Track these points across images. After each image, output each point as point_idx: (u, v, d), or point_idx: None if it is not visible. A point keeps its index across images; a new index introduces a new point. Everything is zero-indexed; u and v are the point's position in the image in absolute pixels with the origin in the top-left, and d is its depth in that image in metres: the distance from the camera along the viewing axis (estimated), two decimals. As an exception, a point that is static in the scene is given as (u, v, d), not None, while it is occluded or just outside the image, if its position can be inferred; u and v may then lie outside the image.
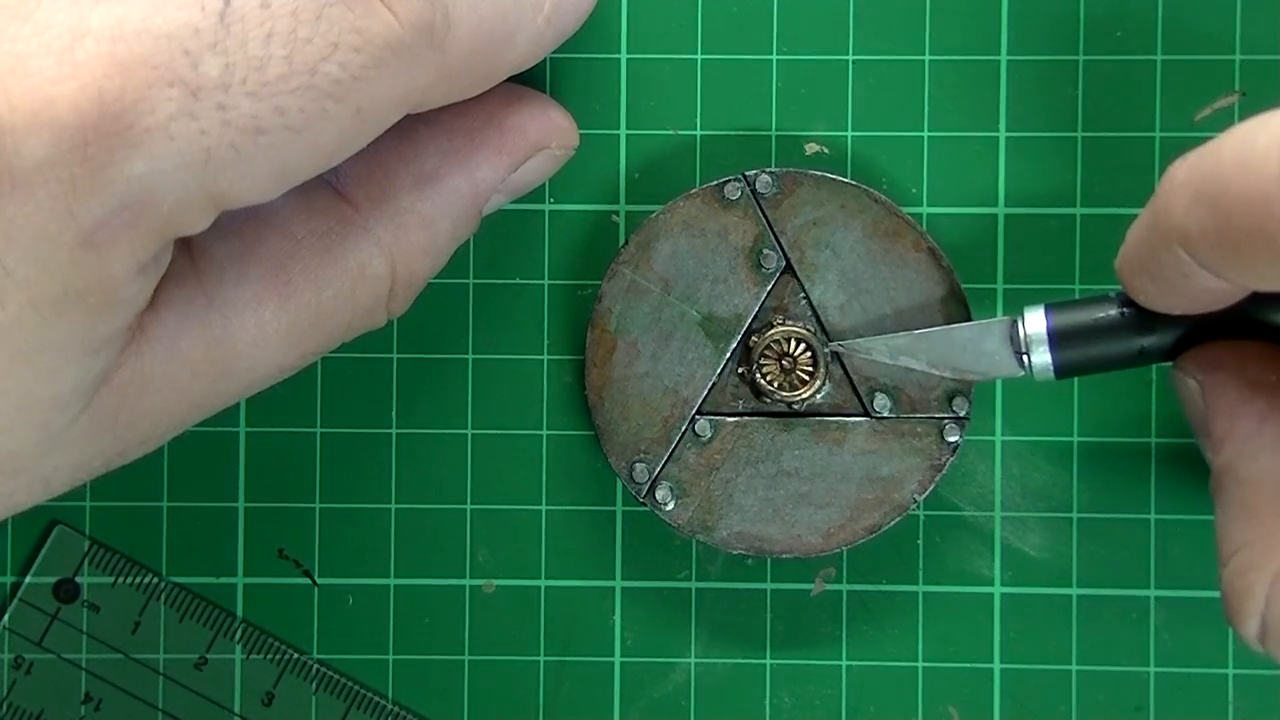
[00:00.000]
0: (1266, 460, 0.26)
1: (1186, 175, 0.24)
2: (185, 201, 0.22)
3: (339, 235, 0.26)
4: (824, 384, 0.31)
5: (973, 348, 0.29)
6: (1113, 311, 0.27)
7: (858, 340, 0.30)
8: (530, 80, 0.32)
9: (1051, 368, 0.28)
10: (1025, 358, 0.28)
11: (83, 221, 0.22)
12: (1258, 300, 0.26)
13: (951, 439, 0.31)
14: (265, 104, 0.22)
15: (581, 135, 0.32)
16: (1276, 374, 0.26)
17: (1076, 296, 0.32)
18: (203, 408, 0.27)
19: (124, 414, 0.25)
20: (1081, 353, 0.27)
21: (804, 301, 0.31)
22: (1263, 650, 0.26)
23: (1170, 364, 0.28)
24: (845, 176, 0.31)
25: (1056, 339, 0.27)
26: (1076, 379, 0.32)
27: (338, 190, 0.27)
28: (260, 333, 0.26)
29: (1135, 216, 0.26)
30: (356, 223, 0.27)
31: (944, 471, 0.31)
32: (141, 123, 0.21)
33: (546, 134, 0.29)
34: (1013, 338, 0.28)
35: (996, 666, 0.32)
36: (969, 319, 0.31)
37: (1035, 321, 0.28)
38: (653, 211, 0.31)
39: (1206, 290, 0.25)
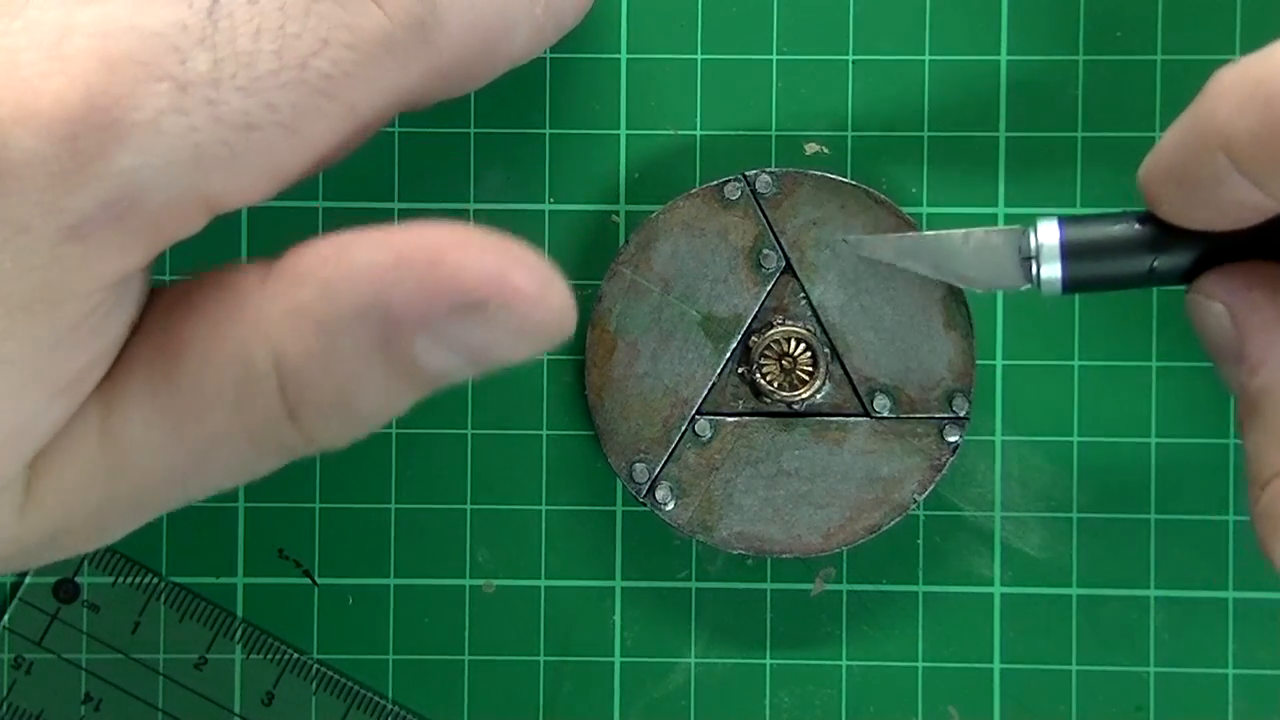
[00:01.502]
0: None
1: (1236, 77, 0.23)
2: (176, 200, 0.22)
3: (225, 314, 0.23)
4: (824, 384, 0.31)
5: (980, 255, 0.28)
6: (1129, 226, 0.26)
7: (866, 238, 0.29)
8: (531, 80, 0.32)
9: (1060, 281, 0.26)
10: (1034, 269, 0.27)
11: (69, 215, 0.21)
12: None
13: (951, 439, 0.31)
14: (256, 99, 0.22)
15: (581, 135, 0.32)
16: None
17: (1076, 299, 0.32)
18: (101, 522, 0.24)
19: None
20: (1092, 268, 0.26)
21: (804, 301, 0.31)
22: None
23: (1181, 290, 0.27)
24: (845, 176, 0.31)
25: (1068, 251, 0.26)
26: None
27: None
28: (145, 411, 0.23)
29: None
30: (249, 305, 0.23)
31: (944, 471, 0.31)
32: (130, 117, 0.21)
33: (491, 288, 0.22)
34: (1022, 248, 0.27)
35: (996, 666, 0.32)
36: (969, 319, 0.31)
37: (1048, 232, 0.26)
38: (653, 211, 0.31)
39: (1239, 203, 0.24)
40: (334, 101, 0.23)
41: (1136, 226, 0.26)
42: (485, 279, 0.21)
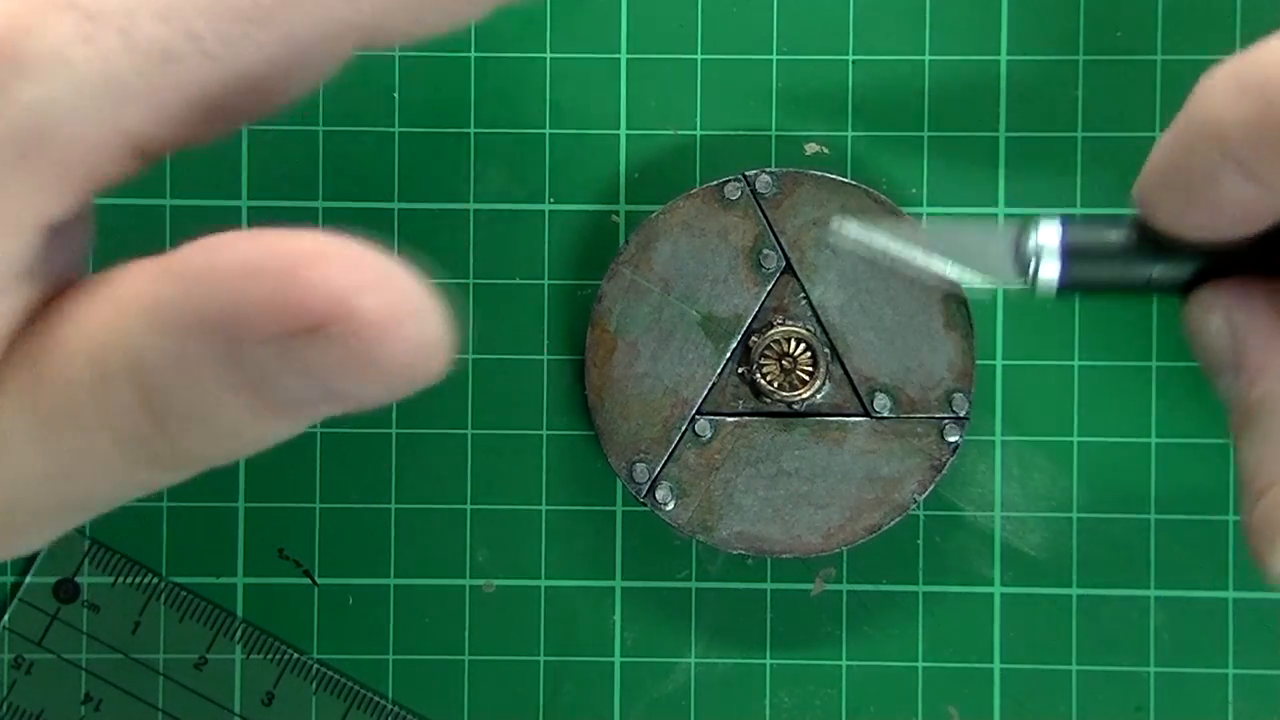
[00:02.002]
0: None
1: (1228, 72, 0.23)
2: (89, 137, 0.20)
3: (95, 308, 0.21)
4: (824, 384, 0.31)
5: (978, 248, 0.27)
6: (1131, 233, 0.26)
7: (855, 225, 0.29)
8: (531, 80, 0.32)
9: (1056, 282, 0.26)
10: (1032, 267, 0.26)
11: None
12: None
13: (951, 439, 0.31)
14: (173, 27, 0.20)
15: (581, 135, 0.32)
16: None
17: (1075, 299, 0.32)
18: None
19: None
20: (1090, 271, 0.26)
21: (804, 301, 0.31)
22: None
23: (1177, 301, 0.27)
24: (845, 176, 0.31)
25: (1069, 253, 0.26)
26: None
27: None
28: (15, 407, 0.21)
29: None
30: (116, 299, 0.21)
31: (944, 471, 0.31)
32: (32, 46, 0.20)
33: (332, 310, 0.19)
34: (1020, 244, 0.27)
35: (996, 666, 0.32)
36: (969, 319, 0.31)
37: (1049, 233, 0.26)
38: (653, 211, 0.31)
39: (1234, 201, 0.24)
40: (266, 29, 0.21)
41: (1138, 234, 0.26)
42: (328, 299, 0.19)
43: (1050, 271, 0.26)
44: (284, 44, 0.21)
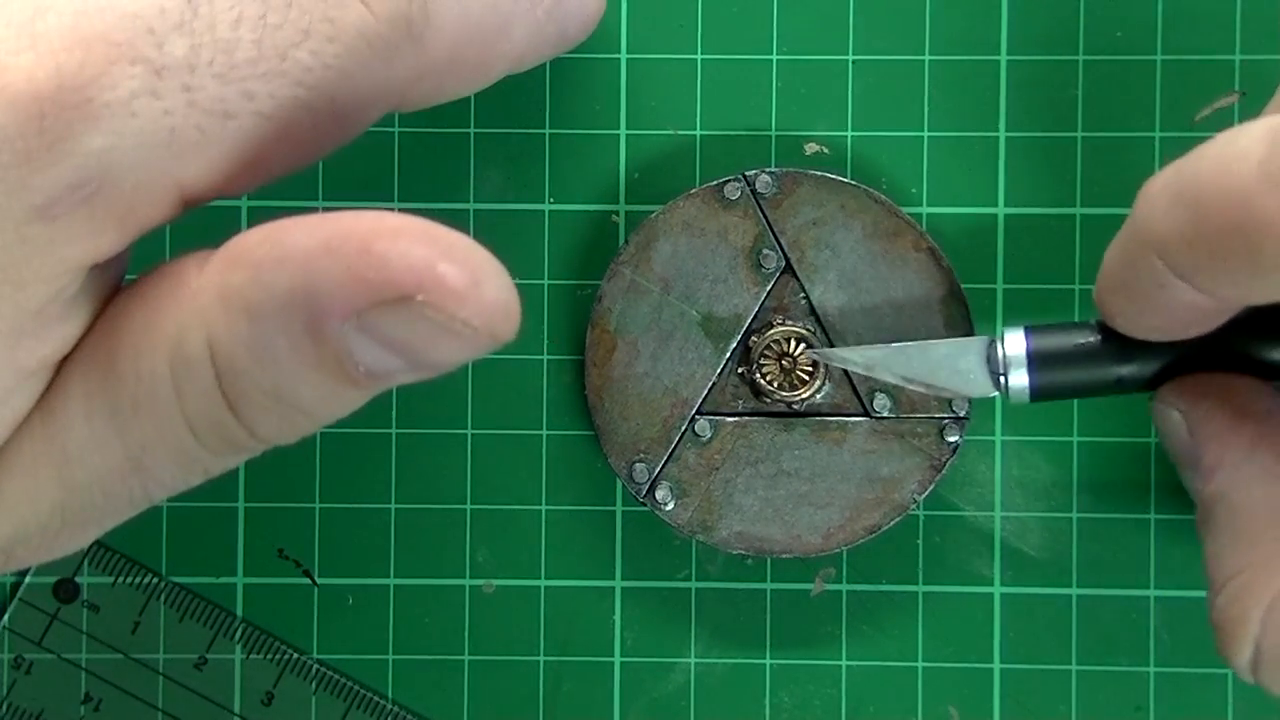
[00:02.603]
0: (1259, 488, 0.26)
1: (1165, 181, 0.24)
2: (147, 184, 0.22)
3: (162, 302, 0.22)
4: (824, 384, 0.31)
5: (949, 364, 0.28)
6: (1093, 338, 0.27)
7: (833, 350, 0.30)
8: (531, 80, 0.32)
9: (1028, 390, 0.27)
10: (1002, 379, 0.28)
11: (36, 194, 0.21)
12: (1238, 331, 0.26)
13: (951, 439, 0.31)
14: (233, 88, 0.22)
15: (581, 135, 0.32)
16: (1263, 402, 0.26)
17: (1075, 299, 0.32)
18: (55, 530, 0.23)
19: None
20: (1059, 377, 0.27)
21: (804, 301, 0.31)
22: (1253, 680, 0.26)
23: (1149, 395, 0.28)
24: (845, 176, 0.31)
25: (1035, 361, 0.27)
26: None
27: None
28: (84, 409, 0.22)
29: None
30: (184, 292, 0.22)
31: (944, 471, 0.31)
32: (101, 97, 0.21)
33: (416, 280, 0.20)
34: (990, 357, 0.28)
35: (996, 666, 0.32)
36: (969, 319, 0.31)
37: (1014, 343, 0.27)
38: (653, 211, 0.31)
39: (1183, 305, 0.24)
40: (314, 94, 0.22)
41: (1101, 336, 0.27)
42: (410, 271, 0.20)
43: (1021, 381, 0.27)
44: (327, 109, 0.23)
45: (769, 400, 0.31)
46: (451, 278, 0.20)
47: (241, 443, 0.23)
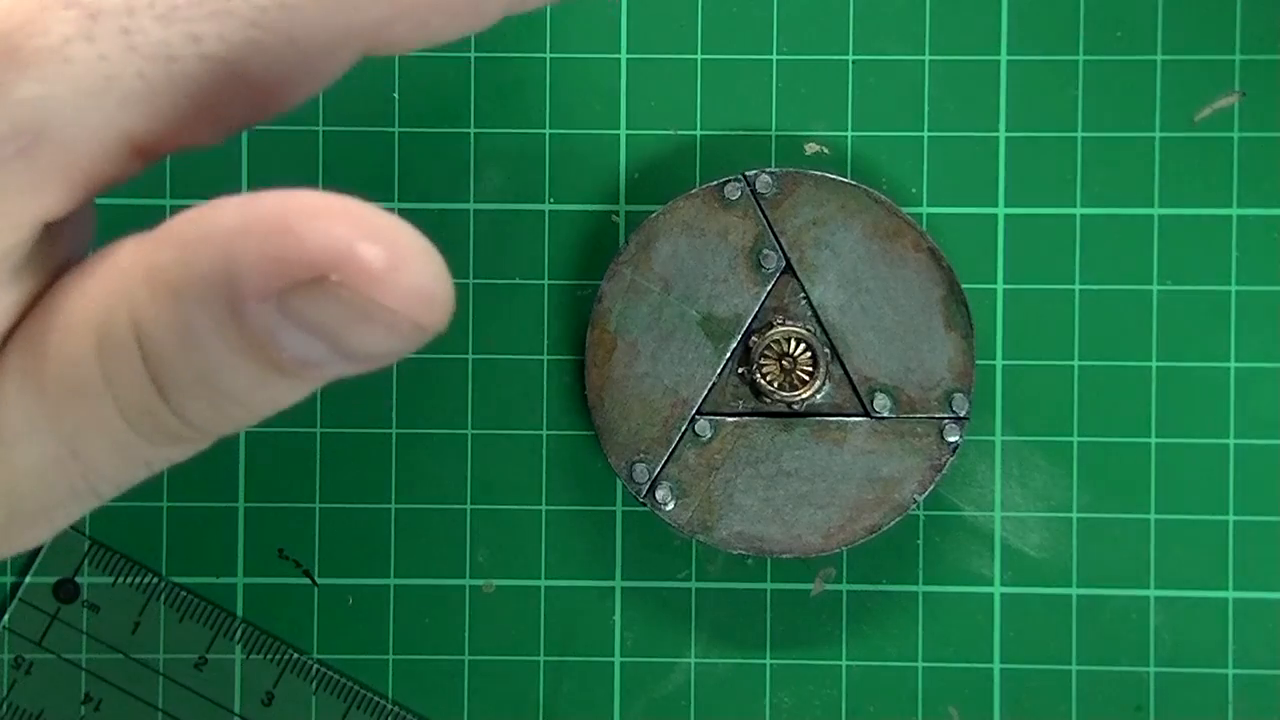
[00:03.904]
0: None
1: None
2: (90, 136, 0.20)
3: (94, 281, 0.21)
4: (824, 384, 0.31)
5: None
6: None
7: None
8: (531, 80, 0.32)
9: None
10: None
11: None
12: None
13: (951, 439, 0.31)
14: (176, 30, 0.20)
15: (581, 135, 0.32)
16: None
17: (1075, 299, 0.32)
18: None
19: None
20: None
21: (804, 301, 0.31)
22: None
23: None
24: (845, 176, 0.31)
25: None
26: (1082, 376, 0.32)
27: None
28: (18, 392, 0.21)
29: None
30: (116, 270, 0.21)
31: (944, 471, 0.31)
32: (31, 44, 0.20)
33: (332, 259, 0.19)
34: None
35: (996, 666, 0.32)
36: (969, 319, 0.31)
37: None
38: (653, 211, 0.31)
39: None
40: (271, 35, 0.21)
41: None
42: (326, 250, 0.19)
43: None
44: (285, 49, 0.21)
45: (769, 400, 0.31)
46: (368, 258, 0.19)
47: (175, 430, 0.21)
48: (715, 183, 0.31)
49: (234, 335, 0.19)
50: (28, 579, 0.33)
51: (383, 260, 0.19)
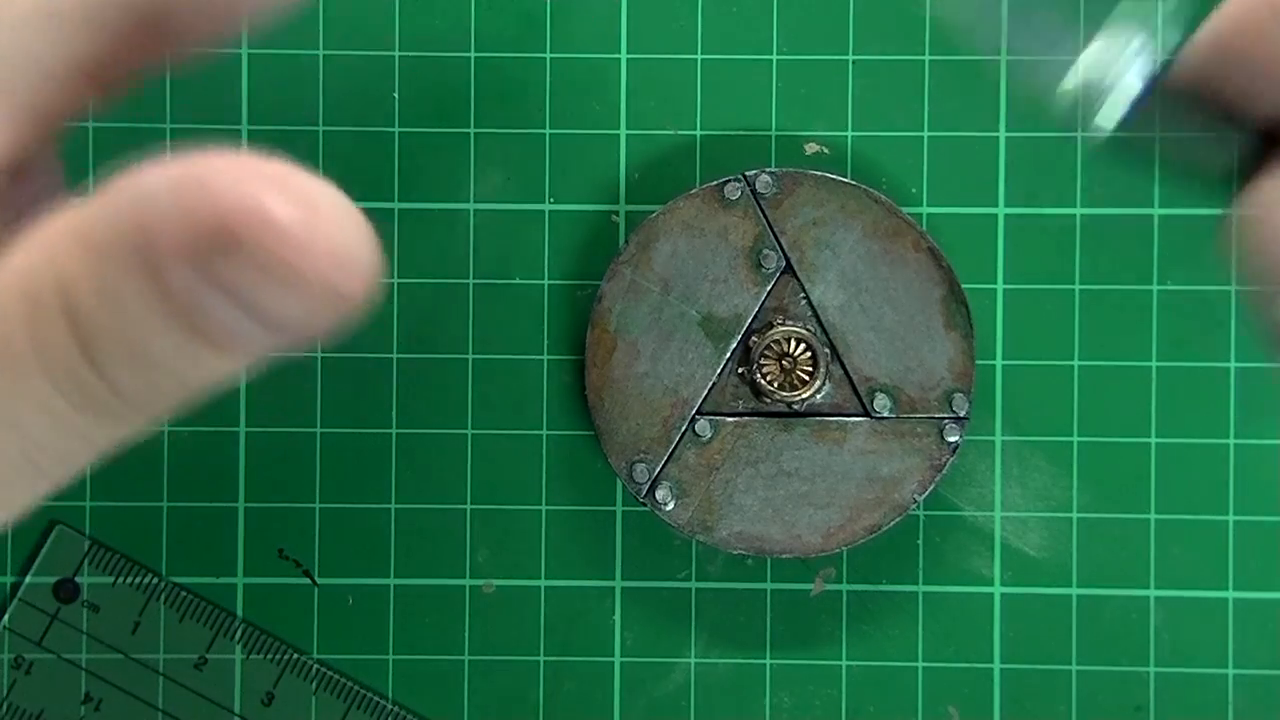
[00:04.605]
0: None
1: None
2: (32, 64, 0.20)
3: (28, 240, 0.21)
4: (824, 384, 0.31)
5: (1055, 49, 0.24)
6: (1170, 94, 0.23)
7: None
8: (531, 80, 0.32)
9: (1107, 132, 0.23)
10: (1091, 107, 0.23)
11: None
12: None
13: (951, 439, 0.31)
14: None
15: (581, 135, 0.32)
16: None
17: (1075, 299, 0.32)
18: None
19: None
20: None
21: (804, 301, 0.31)
22: None
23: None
24: (845, 176, 0.31)
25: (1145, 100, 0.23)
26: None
27: None
28: None
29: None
30: (48, 229, 0.21)
31: (944, 471, 0.31)
32: None
33: (243, 217, 0.18)
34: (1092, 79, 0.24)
35: (996, 666, 0.32)
36: (969, 319, 0.31)
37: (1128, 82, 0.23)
38: (653, 211, 0.31)
39: None
40: None
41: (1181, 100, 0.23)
42: (237, 208, 0.18)
43: (1110, 118, 0.23)
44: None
45: (769, 400, 0.31)
46: (279, 216, 0.18)
47: (107, 403, 0.20)
48: (715, 183, 0.31)
49: (155, 297, 0.19)
50: (28, 579, 0.33)
51: (295, 219, 0.18)
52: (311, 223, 0.18)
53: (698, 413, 0.31)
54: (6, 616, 0.33)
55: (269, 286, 0.18)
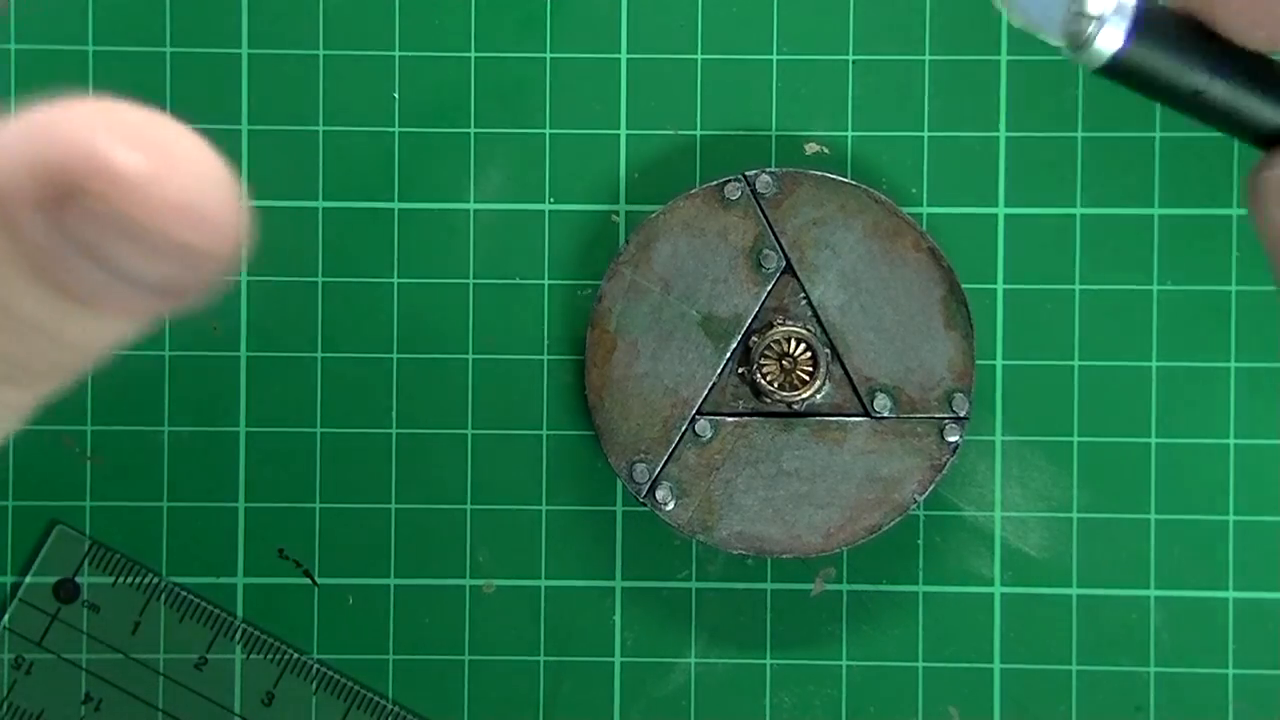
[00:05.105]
0: None
1: None
2: None
3: None
4: (824, 384, 0.31)
5: None
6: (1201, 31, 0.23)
7: None
8: (531, 80, 0.32)
9: (1113, 51, 0.23)
10: (1093, 25, 0.22)
11: None
12: None
13: (951, 439, 0.31)
14: None
15: (581, 135, 0.32)
16: None
17: (1075, 299, 0.32)
18: None
19: None
20: (1152, 55, 0.23)
21: (804, 301, 0.31)
22: None
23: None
24: (845, 176, 0.31)
25: (1140, 27, 0.22)
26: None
27: None
28: None
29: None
30: None
31: (944, 471, 0.31)
32: None
33: (87, 165, 0.17)
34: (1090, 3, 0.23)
35: (996, 666, 0.32)
36: (969, 319, 0.31)
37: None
38: (653, 211, 0.31)
39: None
40: None
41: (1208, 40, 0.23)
42: (82, 156, 0.17)
43: (1112, 39, 0.23)
44: None
45: (769, 400, 0.31)
46: (122, 163, 0.17)
47: None
48: (715, 183, 0.31)
49: (11, 249, 0.18)
50: (28, 579, 0.33)
51: (140, 167, 0.17)
52: (161, 174, 0.17)
53: (698, 413, 0.31)
54: (6, 616, 0.33)
55: (117, 240, 0.17)
